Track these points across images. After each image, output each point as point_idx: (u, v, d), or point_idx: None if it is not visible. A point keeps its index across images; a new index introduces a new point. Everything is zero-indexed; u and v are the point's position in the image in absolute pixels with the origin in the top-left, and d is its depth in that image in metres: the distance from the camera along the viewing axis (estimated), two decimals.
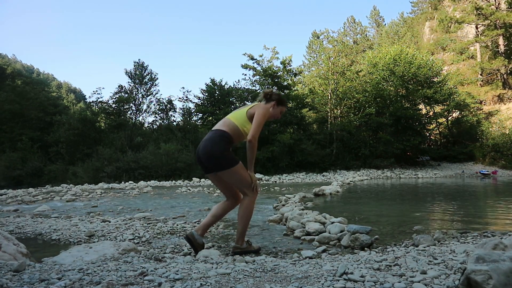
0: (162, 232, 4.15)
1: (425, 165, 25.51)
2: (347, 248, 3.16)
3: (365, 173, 20.64)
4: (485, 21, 32.71)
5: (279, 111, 3.10)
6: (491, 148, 26.12)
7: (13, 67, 47.68)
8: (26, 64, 76.06)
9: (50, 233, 4.24)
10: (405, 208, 6.45)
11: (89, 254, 2.71)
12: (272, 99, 3.06)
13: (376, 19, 60.37)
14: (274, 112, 3.06)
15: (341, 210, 6.12)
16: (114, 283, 1.81)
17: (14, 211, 6.64)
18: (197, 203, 7.52)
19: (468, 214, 5.50)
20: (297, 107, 24.65)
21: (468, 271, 1.58)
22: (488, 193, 10.38)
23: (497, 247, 2.29)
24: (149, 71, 27.21)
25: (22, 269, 2.05)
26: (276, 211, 5.89)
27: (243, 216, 2.98)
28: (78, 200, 8.95)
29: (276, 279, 1.89)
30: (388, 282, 1.77)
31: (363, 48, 53.00)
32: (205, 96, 26.45)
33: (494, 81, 34.51)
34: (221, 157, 2.85)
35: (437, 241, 3.18)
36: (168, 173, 18.84)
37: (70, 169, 20.84)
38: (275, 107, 3.05)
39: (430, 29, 45.62)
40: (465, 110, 29.02)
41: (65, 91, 68.50)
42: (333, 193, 9.16)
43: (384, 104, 25.83)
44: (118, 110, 25.77)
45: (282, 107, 3.11)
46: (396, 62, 26.56)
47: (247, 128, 2.94)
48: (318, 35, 53.31)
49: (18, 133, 26.14)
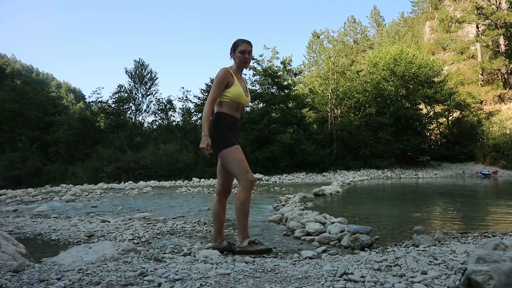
0: (161, 232, 4.14)
1: (426, 165, 25.49)
2: (347, 248, 3.15)
3: (365, 173, 20.63)
4: (486, 21, 32.70)
5: (239, 56, 2.89)
6: (491, 148, 26.11)
7: (12, 66, 47.76)
8: (26, 64, 76.17)
9: (49, 234, 4.23)
10: (406, 208, 6.44)
11: (88, 255, 2.70)
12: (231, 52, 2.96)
13: (376, 19, 60.36)
14: (237, 60, 2.92)
15: (341, 210, 6.11)
16: (114, 284, 1.80)
17: (13, 211, 6.64)
18: (197, 203, 7.51)
19: (469, 215, 5.49)
20: (297, 107, 24.64)
21: (468, 271, 1.57)
22: (489, 193, 10.38)
23: (498, 247, 2.28)
24: (149, 70, 27.24)
25: (21, 269, 2.04)
26: (276, 211, 5.89)
27: (238, 211, 2.82)
28: (77, 200, 8.94)
29: (276, 280, 1.88)
30: (389, 283, 1.76)
31: (363, 48, 53.00)
32: (205, 96, 26.43)
33: (494, 81, 34.50)
34: (212, 139, 2.77)
35: (437, 241, 3.17)
36: (167, 173, 18.84)
37: (70, 169, 20.85)
38: (234, 56, 2.93)
39: (431, 28, 45.62)
40: (466, 110, 29.02)
41: (65, 91, 68.61)
42: (333, 193, 9.15)
43: (384, 104, 25.82)
44: (117, 110, 25.78)
45: (239, 48, 2.89)
46: (397, 62, 26.55)
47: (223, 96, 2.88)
48: (318, 34, 53.28)
49: (17, 133, 26.14)
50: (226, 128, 2.83)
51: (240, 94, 2.88)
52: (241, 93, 2.89)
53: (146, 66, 27.18)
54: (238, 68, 2.96)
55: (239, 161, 2.77)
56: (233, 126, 2.90)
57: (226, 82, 2.84)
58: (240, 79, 2.96)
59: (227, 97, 2.85)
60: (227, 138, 2.81)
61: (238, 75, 2.96)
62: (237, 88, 2.87)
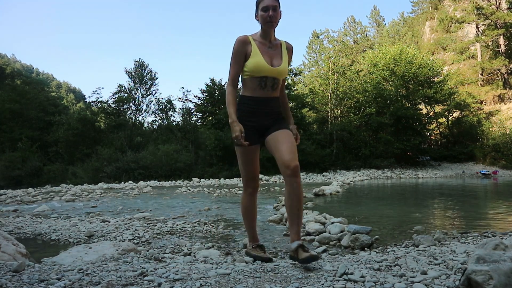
0: (162, 232, 4.14)
1: (426, 165, 25.50)
2: (347, 248, 3.15)
3: (365, 173, 20.64)
4: (486, 21, 32.71)
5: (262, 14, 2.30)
6: (491, 148, 26.11)
7: (12, 66, 47.78)
8: (26, 64, 76.21)
9: (49, 234, 4.23)
10: (405, 208, 6.44)
11: (88, 255, 2.70)
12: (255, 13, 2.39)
13: (376, 19, 60.35)
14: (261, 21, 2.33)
15: (341, 210, 6.11)
16: (114, 284, 1.81)
17: (13, 211, 6.64)
18: (197, 203, 7.51)
19: (469, 214, 5.49)
20: (297, 107, 24.64)
21: (468, 271, 1.57)
22: (489, 193, 10.38)
23: (498, 247, 2.28)
24: (149, 70, 27.24)
25: (21, 269, 2.04)
26: (276, 211, 5.89)
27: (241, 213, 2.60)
28: (77, 200, 8.95)
29: (276, 279, 1.88)
30: (389, 283, 1.76)
31: (363, 48, 53.00)
32: (205, 96, 26.45)
33: (494, 81, 34.51)
34: None
35: (437, 241, 3.17)
36: (167, 173, 18.84)
37: (70, 169, 20.85)
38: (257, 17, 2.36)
39: (431, 28, 45.62)
40: (466, 110, 29.03)
41: (65, 91, 68.65)
42: (333, 193, 9.16)
43: (384, 104, 25.83)
44: (117, 110, 25.79)
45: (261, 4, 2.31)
46: (397, 62, 26.58)
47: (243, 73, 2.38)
48: (318, 34, 53.31)
49: (17, 133, 26.13)
50: (241, 118, 2.30)
51: (258, 65, 2.29)
52: (260, 64, 2.29)
53: (146, 66, 27.21)
54: (264, 32, 2.37)
55: (244, 165, 2.41)
56: (256, 110, 2.34)
57: (242, 53, 2.32)
58: (264, 45, 2.35)
59: (246, 73, 2.33)
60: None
61: (264, 40, 2.37)
62: (256, 58, 2.30)
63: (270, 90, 2.35)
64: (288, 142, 2.26)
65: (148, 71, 27.17)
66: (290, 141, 2.28)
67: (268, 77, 2.32)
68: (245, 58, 2.32)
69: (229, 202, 7.64)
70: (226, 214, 5.72)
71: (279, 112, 2.46)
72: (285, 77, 2.44)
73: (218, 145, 20.34)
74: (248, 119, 2.33)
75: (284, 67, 2.37)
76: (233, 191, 10.57)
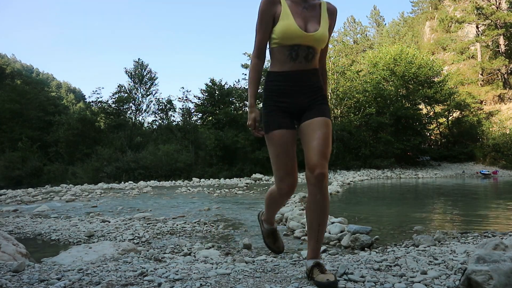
0: (162, 232, 4.15)
1: (426, 165, 25.50)
2: (347, 248, 3.15)
3: (365, 173, 20.63)
4: (486, 21, 32.71)
5: None
6: (491, 148, 26.11)
7: (12, 66, 47.76)
8: (26, 64, 76.21)
9: (49, 233, 4.23)
10: (405, 208, 6.45)
11: (88, 255, 2.70)
12: None
13: (376, 19, 60.36)
14: None
15: (341, 210, 6.12)
16: (114, 284, 1.81)
17: (13, 211, 6.64)
18: (197, 203, 7.51)
19: (469, 214, 5.49)
20: None
21: (468, 271, 1.57)
22: (489, 193, 10.38)
23: (498, 247, 2.28)
24: (149, 70, 27.25)
25: (21, 269, 2.04)
26: None
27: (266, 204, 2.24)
28: (77, 200, 8.95)
29: (276, 279, 1.88)
30: (389, 283, 1.76)
31: (363, 48, 52.96)
32: (205, 96, 26.44)
33: (494, 81, 34.51)
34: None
35: (437, 241, 3.17)
36: (167, 173, 18.84)
37: (70, 169, 20.85)
38: None
39: (431, 28, 45.62)
40: (466, 110, 29.02)
41: (65, 91, 68.60)
42: (333, 193, 9.16)
43: (384, 104, 25.83)
44: (117, 110, 25.79)
45: None
46: (397, 61, 26.58)
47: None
48: None
49: (18, 133, 26.15)
50: (271, 99, 1.90)
51: (288, 29, 1.79)
52: (290, 28, 1.79)
53: (146, 66, 27.21)
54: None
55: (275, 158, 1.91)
56: (286, 88, 1.87)
57: (270, 15, 1.84)
58: (298, 5, 1.85)
59: (274, 40, 1.85)
60: (266, 117, 1.90)
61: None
62: (285, 21, 1.80)
63: (303, 62, 1.84)
64: (320, 139, 1.80)
65: (148, 71, 27.19)
66: (324, 136, 1.81)
67: (301, 45, 1.82)
68: (273, 21, 1.84)
69: (229, 202, 7.64)
70: (226, 214, 5.72)
71: (318, 87, 1.93)
72: (323, 46, 1.92)
73: (218, 145, 20.34)
74: (278, 100, 1.87)
75: (322, 32, 1.84)
76: (233, 191, 10.57)
